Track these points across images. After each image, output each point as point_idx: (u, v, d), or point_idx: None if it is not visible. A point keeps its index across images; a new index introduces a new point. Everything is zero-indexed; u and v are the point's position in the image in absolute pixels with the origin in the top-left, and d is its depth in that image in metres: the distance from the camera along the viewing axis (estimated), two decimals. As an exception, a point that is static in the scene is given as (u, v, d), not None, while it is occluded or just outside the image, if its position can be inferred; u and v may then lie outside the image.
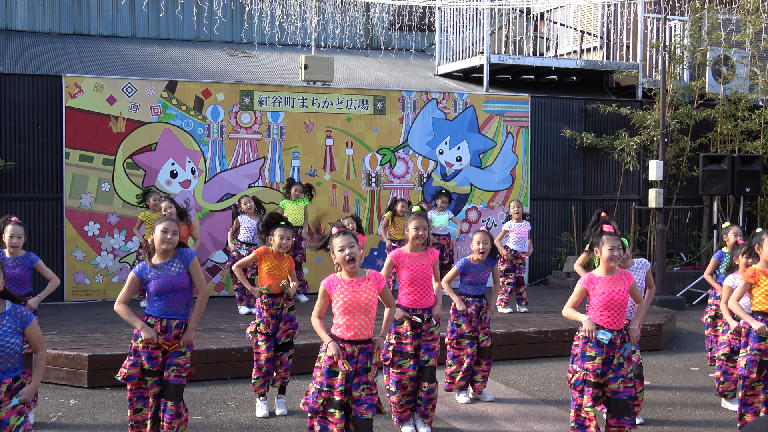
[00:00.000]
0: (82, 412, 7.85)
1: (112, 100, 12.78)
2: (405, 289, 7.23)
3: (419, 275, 7.22)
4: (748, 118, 15.37)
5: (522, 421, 7.72)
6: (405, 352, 7.17)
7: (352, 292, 5.76)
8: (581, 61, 16.80)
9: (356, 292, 5.77)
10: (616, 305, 6.31)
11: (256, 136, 13.54)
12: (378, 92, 14.32)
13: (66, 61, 15.27)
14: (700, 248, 15.99)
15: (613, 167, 15.66)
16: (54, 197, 12.70)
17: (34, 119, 12.75)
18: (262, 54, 17.85)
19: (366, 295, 5.78)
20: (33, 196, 12.72)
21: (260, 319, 7.70)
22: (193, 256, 6.34)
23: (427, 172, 14.44)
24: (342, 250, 5.78)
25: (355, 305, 5.75)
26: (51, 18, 17.92)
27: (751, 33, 15.36)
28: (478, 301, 8.20)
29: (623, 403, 6.34)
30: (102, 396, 8.39)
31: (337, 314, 5.82)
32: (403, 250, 7.29)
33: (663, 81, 14.58)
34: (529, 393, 8.66)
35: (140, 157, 12.94)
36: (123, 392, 8.27)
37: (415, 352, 7.19)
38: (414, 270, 7.20)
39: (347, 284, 5.78)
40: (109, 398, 8.29)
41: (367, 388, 5.81)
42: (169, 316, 6.21)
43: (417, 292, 7.21)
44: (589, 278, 6.42)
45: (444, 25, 17.57)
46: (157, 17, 18.44)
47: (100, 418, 7.68)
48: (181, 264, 6.25)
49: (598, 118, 15.53)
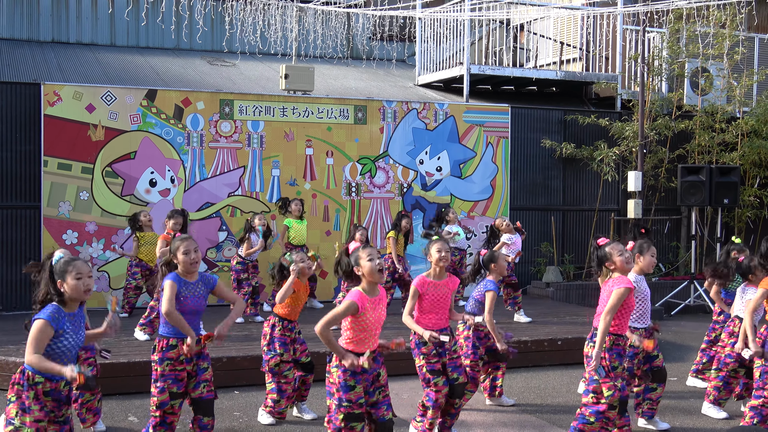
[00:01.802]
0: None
1: (91, 108, 12.73)
2: (425, 314, 7.13)
3: (440, 302, 7.14)
4: (726, 129, 15.50)
5: (500, 430, 7.73)
6: (436, 369, 7.12)
7: (373, 311, 5.85)
8: (561, 72, 16.90)
9: (377, 311, 5.89)
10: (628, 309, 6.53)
11: (236, 145, 13.52)
12: (358, 102, 14.34)
13: (45, 69, 15.20)
14: (679, 259, 16.08)
15: (592, 178, 15.74)
16: (32, 205, 12.61)
17: (12, 127, 12.67)
18: (242, 63, 17.84)
19: (382, 314, 5.95)
20: (10, 204, 12.62)
21: (282, 348, 7.67)
22: (215, 280, 6.43)
23: (407, 182, 14.45)
24: (371, 260, 5.81)
25: (375, 324, 5.89)
26: (30, 25, 17.84)
27: (727, 45, 15.49)
28: None
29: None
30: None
31: (355, 329, 5.84)
32: (427, 278, 7.19)
33: (641, 92, 14.68)
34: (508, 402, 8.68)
35: (119, 165, 12.88)
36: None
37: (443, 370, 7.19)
38: (436, 298, 7.11)
39: (371, 303, 5.84)
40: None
41: (382, 391, 5.94)
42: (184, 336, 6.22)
43: (436, 317, 7.15)
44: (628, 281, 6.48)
45: (424, 35, 17.64)
46: (136, 26, 18.40)
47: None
48: (205, 288, 6.33)
49: (578, 128, 15.61)
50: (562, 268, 15.28)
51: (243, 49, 18.11)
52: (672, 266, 16.02)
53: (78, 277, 5.07)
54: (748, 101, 16.05)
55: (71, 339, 5.09)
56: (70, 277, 5.07)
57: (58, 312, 5.04)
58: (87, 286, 5.10)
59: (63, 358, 5.05)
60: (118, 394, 8.61)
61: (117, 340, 9.98)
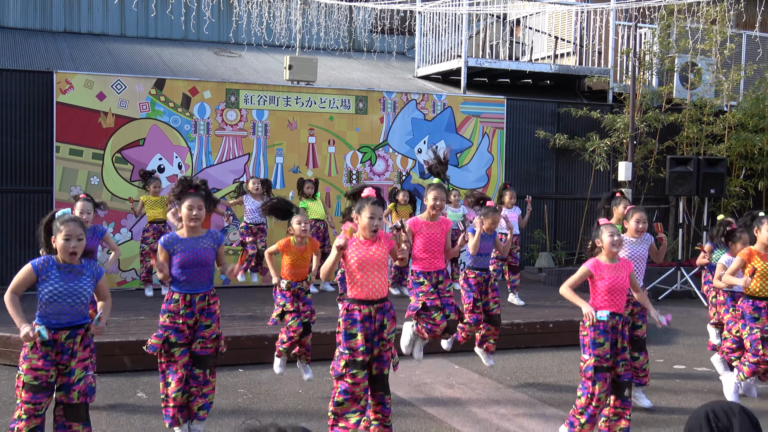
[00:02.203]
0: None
1: (102, 96, 12.75)
2: (419, 254, 7.41)
3: (433, 242, 7.42)
4: (713, 122, 15.53)
5: (493, 408, 7.79)
6: (434, 305, 7.32)
7: (366, 250, 5.92)
8: (555, 66, 16.90)
9: (369, 250, 5.93)
10: (618, 290, 6.44)
11: (242, 133, 13.54)
12: (359, 92, 14.36)
13: (57, 58, 15.21)
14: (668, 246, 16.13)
15: (584, 168, 15.78)
16: (44, 189, 12.66)
17: (25, 114, 12.70)
18: (248, 54, 17.84)
19: (379, 253, 5.94)
20: (24, 188, 12.67)
21: (284, 300, 7.78)
22: (223, 238, 6.60)
23: (405, 170, 14.49)
24: (372, 218, 5.91)
25: (369, 262, 5.90)
26: (42, 16, 17.84)
27: (717, 41, 15.51)
28: (484, 274, 8.41)
29: (626, 384, 6.51)
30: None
31: (350, 272, 5.95)
32: (420, 218, 7.48)
33: (633, 86, 14.71)
34: (501, 382, 8.73)
35: (129, 151, 12.92)
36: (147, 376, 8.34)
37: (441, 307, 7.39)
38: (428, 237, 7.41)
39: (362, 244, 5.95)
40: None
41: (384, 344, 5.95)
42: (193, 291, 6.32)
43: (430, 258, 7.41)
44: (595, 263, 6.51)
45: (424, 29, 17.64)
46: (146, 17, 18.40)
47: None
48: (212, 243, 6.45)
49: (571, 120, 15.64)
50: (554, 254, 15.35)
51: (249, 40, 18.13)
52: (660, 254, 16.06)
53: (66, 237, 5.14)
54: (735, 95, 16.07)
55: (56, 286, 5.13)
56: (60, 236, 5.16)
57: (47, 260, 5.18)
58: (73, 248, 5.15)
59: (55, 304, 5.15)
60: (127, 371, 8.68)
61: (126, 319, 10.06)
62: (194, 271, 6.30)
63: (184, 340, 6.32)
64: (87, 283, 5.26)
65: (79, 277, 5.23)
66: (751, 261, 7.09)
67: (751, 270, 7.22)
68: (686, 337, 11.21)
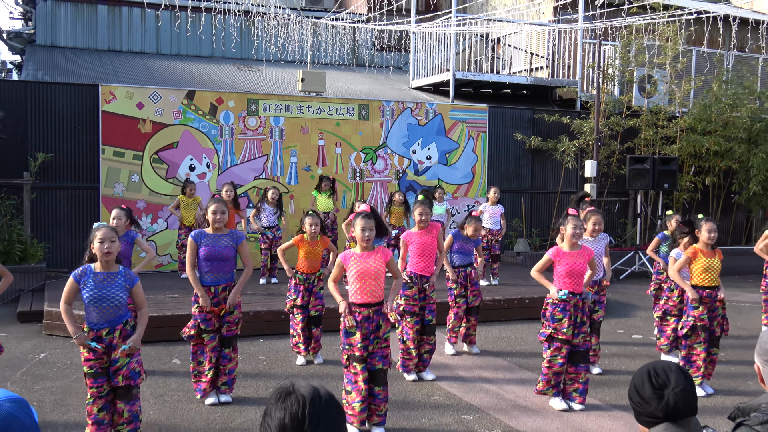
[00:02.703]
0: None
1: (141, 106, 12.76)
2: (414, 259, 7.49)
3: (426, 248, 7.51)
4: (667, 126, 15.54)
5: (477, 371, 7.85)
6: (412, 312, 7.43)
7: (364, 262, 5.91)
8: (530, 78, 16.91)
9: (367, 262, 5.92)
10: (576, 274, 6.51)
11: (261, 137, 13.56)
12: (362, 101, 14.36)
13: (102, 73, 15.22)
14: (626, 233, 16.17)
15: (556, 166, 15.80)
16: (92, 186, 12.68)
17: (75, 121, 12.73)
18: (266, 69, 17.86)
19: (375, 265, 5.92)
20: (75, 185, 12.70)
21: (295, 294, 7.91)
22: (243, 238, 6.67)
23: (402, 168, 14.50)
24: (363, 231, 5.91)
25: (367, 273, 5.89)
26: (89, 36, 17.85)
27: (669, 56, 15.52)
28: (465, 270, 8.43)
29: (583, 353, 6.61)
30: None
31: (351, 281, 5.96)
32: (412, 231, 7.59)
33: (597, 95, 14.72)
34: (485, 349, 8.78)
35: (164, 153, 12.94)
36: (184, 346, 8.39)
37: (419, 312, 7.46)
38: (422, 245, 7.50)
39: (359, 257, 5.94)
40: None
41: (380, 342, 5.95)
42: (216, 283, 6.52)
43: (424, 261, 7.49)
44: (556, 251, 6.56)
45: (417, 46, 17.63)
46: (178, 36, 18.41)
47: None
48: (232, 241, 6.57)
49: (544, 125, 15.64)
50: (530, 240, 15.38)
51: (267, 57, 18.15)
52: (621, 239, 16.12)
53: (101, 240, 5.17)
54: (686, 103, 16.08)
55: (93, 292, 5.16)
56: (95, 240, 5.20)
57: (85, 270, 5.22)
58: (107, 249, 5.16)
59: (94, 308, 5.20)
60: (164, 341, 8.72)
61: (162, 297, 10.11)
62: (216, 264, 6.48)
63: (212, 326, 6.50)
64: (120, 288, 5.23)
65: (112, 284, 5.21)
66: (696, 258, 7.13)
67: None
68: (643, 311, 11.25)
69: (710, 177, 15.65)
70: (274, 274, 11.93)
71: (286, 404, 1.93)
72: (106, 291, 5.19)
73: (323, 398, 1.96)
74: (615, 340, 9.40)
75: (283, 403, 1.94)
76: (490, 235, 12.00)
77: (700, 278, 7.13)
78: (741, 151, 15.32)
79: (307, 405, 1.92)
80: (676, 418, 2.55)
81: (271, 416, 1.94)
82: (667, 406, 2.54)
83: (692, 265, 7.17)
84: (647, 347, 9.07)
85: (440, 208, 12.62)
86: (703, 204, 16.43)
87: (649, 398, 2.58)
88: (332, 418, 1.96)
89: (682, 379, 2.60)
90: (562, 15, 17.49)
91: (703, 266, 7.09)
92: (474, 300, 8.48)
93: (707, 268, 7.09)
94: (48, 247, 12.31)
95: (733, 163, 15.44)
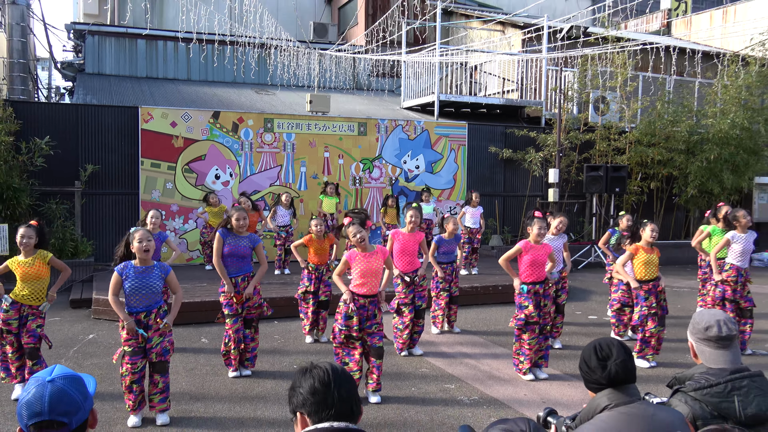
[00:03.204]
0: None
1: (174, 124, 12.76)
2: (397, 257, 7.47)
3: (407, 248, 7.47)
4: (618, 139, 15.56)
5: (458, 348, 7.87)
6: (406, 303, 7.43)
7: (366, 263, 5.97)
8: (503, 99, 16.92)
9: (370, 262, 5.98)
10: (538, 264, 6.56)
11: (275, 150, 13.56)
12: (361, 120, 14.37)
13: (141, 97, 15.21)
14: (584, 230, 16.21)
15: (524, 173, 15.82)
16: (132, 192, 12.68)
17: (119, 137, 12.72)
18: (280, 92, 17.86)
19: (376, 264, 6.01)
20: (118, 191, 12.70)
21: (308, 282, 7.93)
22: (259, 241, 6.71)
23: (394, 176, 14.52)
24: (355, 236, 5.99)
25: (369, 271, 5.97)
26: (130, 65, 17.84)
27: (620, 81, 15.55)
28: (450, 266, 8.41)
29: (543, 327, 6.67)
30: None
31: (355, 276, 6.01)
32: (401, 230, 7.55)
33: (559, 113, 14.75)
34: (464, 329, 8.81)
35: (194, 164, 12.94)
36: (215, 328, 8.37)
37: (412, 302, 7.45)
38: (403, 244, 7.47)
39: (363, 257, 5.99)
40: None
41: (376, 326, 6.02)
42: (237, 275, 6.57)
43: (406, 260, 7.45)
44: (525, 243, 6.60)
45: (407, 73, 17.64)
46: (206, 65, 18.40)
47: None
48: (250, 243, 6.62)
49: (514, 139, 15.67)
50: (503, 236, 15.41)
51: (280, 82, 18.15)
52: (579, 235, 16.16)
53: (139, 240, 5.29)
54: (634, 120, 16.09)
55: (133, 282, 5.26)
56: (135, 241, 5.31)
57: (126, 265, 5.32)
58: (144, 247, 5.28)
59: (134, 296, 5.29)
60: (195, 323, 8.74)
61: (192, 286, 10.11)
62: (236, 259, 6.52)
63: (234, 312, 6.52)
64: (156, 277, 5.34)
65: (150, 274, 5.32)
66: (637, 253, 7.16)
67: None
68: (598, 295, 11.29)
69: (654, 182, 15.68)
70: (287, 266, 11.95)
71: (313, 374, 2.12)
72: (145, 281, 5.30)
73: (339, 369, 2.15)
74: (574, 320, 9.44)
75: (310, 374, 2.13)
76: (471, 234, 12.02)
77: (642, 272, 7.15)
78: (680, 160, 15.36)
79: (330, 372, 2.12)
80: (617, 384, 2.59)
81: (301, 386, 2.12)
82: (609, 374, 2.59)
83: (634, 260, 7.20)
84: (601, 327, 9.10)
85: (428, 208, 12.67)
86: (649, 205, 16.48)
87: (594, 368, 2.62)
88: (349, 382, 2.14)
89: (623, 352, 2.65)
90: (529, 46, 17.51)
91: (643, 261, 7.11)
92: (455, 291, 8.50)
93: (647, 263, 7.12)
94: (95, 244, 12.32)
95: (674, 170, 15.47)
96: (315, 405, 2.07)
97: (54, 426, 1.94)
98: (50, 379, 1.98)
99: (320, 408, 2.06)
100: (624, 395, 2.56)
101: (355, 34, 20.65)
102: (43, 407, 1.94)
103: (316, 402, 2.07)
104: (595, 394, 2.64)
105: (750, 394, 2.67)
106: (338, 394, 2.06)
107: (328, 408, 2.05)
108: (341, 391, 2.07)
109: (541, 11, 20.61)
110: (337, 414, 2.05)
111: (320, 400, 2.06)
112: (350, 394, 2.10)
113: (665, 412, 2.54)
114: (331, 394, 2.06)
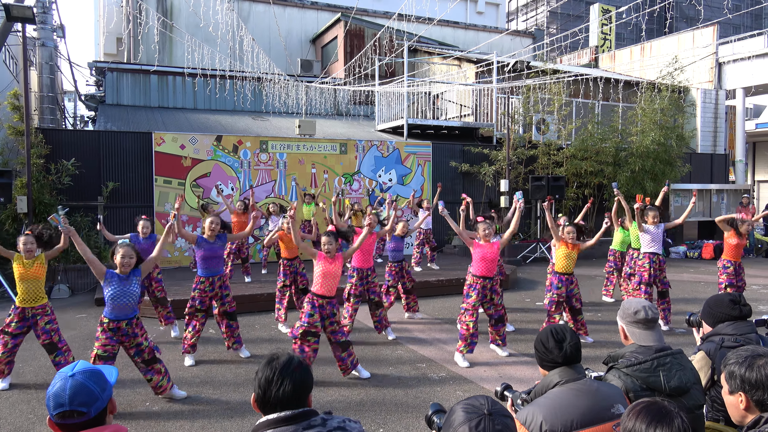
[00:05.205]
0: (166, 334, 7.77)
1: (183, 147, 12.59)
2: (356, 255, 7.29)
3: (365, 247, 7.31)
4: (557, 154, 15.70)
5: (429, 332, 7.83)
6: (355, 294, 7.28)
7: (328, 265, 5.82)
8: (460, 122, 16.97)
9: (331, 266, 5.83)
10: (487, 260, 6.47)
11: (270, 167, 13.44)
12: (342, 140, 14.31)
13: (154, 124, 14.98)
14: (530, 230, 16.30)
15: (480, 184, 15.86)
16: (147, 205, 12.47)
17: (136, 158, 12.51)
18: (273, 119, 17.72)
19: (334, 269, 5.83)
20: (135, 205, 12.47)
21: (284, 277, 7.77)
22: (225, 237, 6.58)
23: (371, 187, 14.47)
24: (324, 245, 5.84)
25: (329, 273, 5.81)
26: (144, 97, 17.57)
27: (557, 106, 15.69)
28: (398, 264, 8.29)
29: (498, 318, 6.60)
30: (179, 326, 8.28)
31: (316, 276, 5.81)
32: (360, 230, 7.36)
33: (507, 133, 14.81)
34: (432, 316, 8.77)
35: (200, 180, 12.77)
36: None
37: (360, 294, 7.27)
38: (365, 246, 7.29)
39: (327, 261, 5.83)
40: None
41: (336, 323, 5.82)
42: (212, 275, 6.38)
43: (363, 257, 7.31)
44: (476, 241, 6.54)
45: (380, 101, 17.62)
46: (211, 96, 18.19)
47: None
48: (221, 242, 6.49)
49: (471, 155, 15.71)
50: (463, 237, 15.39)
51: (273, 110, 18.00)
52: (526, 234, 16.24)
53: (122, 256, 5.09)
54: (569, 138, 16.26)
55: (114, 288, 5.01)
56: (118, 255, 5.11)
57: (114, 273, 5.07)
58: (126, 263, 5.07)
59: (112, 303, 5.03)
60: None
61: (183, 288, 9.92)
62: (214, 261, 6.38)
63: (204, 307, 6.38)
64: (135, 284, 5.11)
65: (129, 282, 5.08)
66: (562, 244, 7.13)
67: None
68: (542, 285, 11.32)
69: (588, 189, 15.82)
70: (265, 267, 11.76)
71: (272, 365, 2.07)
72: (125, 288, 5.04)
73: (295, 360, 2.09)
74: (523, 307, 9.46)
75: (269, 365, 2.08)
76: (424, 235, 11.99)
77: (561, 264, 7.10)
78: (609, 171, 15.53)
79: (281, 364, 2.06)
80: (570, 362, 2.56)
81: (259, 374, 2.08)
82: (565, 354, 2.57)
83: (557, 250, 7.16)
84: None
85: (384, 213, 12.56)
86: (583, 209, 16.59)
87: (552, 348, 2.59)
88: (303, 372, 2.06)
89: (574, 335, 2.64)
90: (482, 78, 17.60)
91: (564, 253, 7.07)
92: (410, 285, 8.36)
93: (567, 256, 7.07)
94: (117, 250, 12.06)
95: (604, 180, 15.64)
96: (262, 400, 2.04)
97: (74, 415, 1.91)
98: (71, 374, 1.96)
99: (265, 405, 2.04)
100: (574, 372, 2.54)
101: (336, 69, 20.58)
102: (64, 399, 1.91)
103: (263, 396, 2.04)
104: (547, 372, 2.61)
105: (672, 369, 2.67)
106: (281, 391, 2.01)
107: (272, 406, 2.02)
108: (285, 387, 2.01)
109: (491, 48, 20.76)
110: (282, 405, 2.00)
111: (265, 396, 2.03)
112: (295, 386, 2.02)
113: (607, 386, 2.52)
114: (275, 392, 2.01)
